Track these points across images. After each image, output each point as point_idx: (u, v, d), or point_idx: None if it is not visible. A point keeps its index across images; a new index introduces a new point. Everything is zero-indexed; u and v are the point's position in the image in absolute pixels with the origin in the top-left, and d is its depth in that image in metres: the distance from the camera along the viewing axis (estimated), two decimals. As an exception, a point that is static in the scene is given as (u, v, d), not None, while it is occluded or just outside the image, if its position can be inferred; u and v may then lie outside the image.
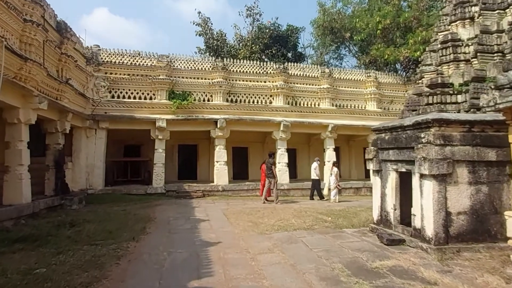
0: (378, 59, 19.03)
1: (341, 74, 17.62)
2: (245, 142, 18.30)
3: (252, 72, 16.43)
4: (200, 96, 15.73)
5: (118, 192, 13.62)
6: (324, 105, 16.92)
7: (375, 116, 17.47)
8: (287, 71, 16.58)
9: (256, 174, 18.24)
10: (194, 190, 14.44)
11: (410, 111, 10.48)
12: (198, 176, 17.73)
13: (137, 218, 9.06)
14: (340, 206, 12.32)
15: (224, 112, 15.54)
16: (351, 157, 19.83)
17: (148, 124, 14.52)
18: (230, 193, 14.90)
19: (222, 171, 15.09)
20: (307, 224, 8.73)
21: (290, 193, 15.62)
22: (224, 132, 15.09)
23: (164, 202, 12.65)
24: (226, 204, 12.40)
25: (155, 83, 14.85)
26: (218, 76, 15.64)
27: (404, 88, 18.20)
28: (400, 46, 17.67)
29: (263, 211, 10.80)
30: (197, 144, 18.02)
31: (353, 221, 8.97)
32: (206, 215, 9.96)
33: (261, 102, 16.39)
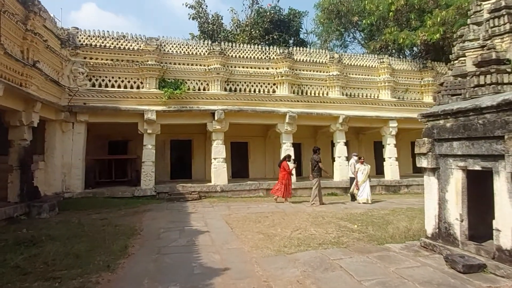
0: (390, 45, 17.33)
1: (352, 60, 15.85)
2: (244, 136, 16.49)
3: (253, 57, 14.58)
4: (195, 84, 13.85)
5: (100, 196, 11.72)
6: (333, 94, 15.15)
7: (389, 106, 15.78)
8: (292, 56, 14.76)
9: (257, 172, 16.51)
10: (189, 192, 12.60)
11: (449, 96, 8.80)
12: (193, 175, 15.88)
13: (119, 231, 7.20)
14: (359, 208, 10.64)
15: (222, 103, 13.69)
16: (360, 152, 18.04)
17: (135, 117, 12.61)
18: (229, 194, 13.10)
19: (221, 169, 13.27)
20: (331, 235, 7.01)
21: (298, 193, 13.87)
22: (222, 125, 13.26)
23: (154, 206, 10.80)
24: (226, 208, 10.60)
25: (143, 69, 12.93)
26: (215, 62, 13.77)
27: (420, 76, 16.51)
28: (417, 29, 15.94)
29: (272, 217, 9.06)
30: (192, 139, 16.15)
31: (388, 230, 7.25)
32: (205, 224, 8.15)
33: (263, 91, 14.56)
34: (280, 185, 11.74)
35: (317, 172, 11.28)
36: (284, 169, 11.78)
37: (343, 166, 14.65)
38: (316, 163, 11.36)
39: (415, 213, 9.57)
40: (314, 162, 11.47)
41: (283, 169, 11.80)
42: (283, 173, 11.75)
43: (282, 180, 11.73)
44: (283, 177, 11.74)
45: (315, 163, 11.41)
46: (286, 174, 11.73)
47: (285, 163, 11.95)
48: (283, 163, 11.95)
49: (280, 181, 11.80)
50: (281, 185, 11.72)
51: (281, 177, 11.79)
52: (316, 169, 11.31)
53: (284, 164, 11.92)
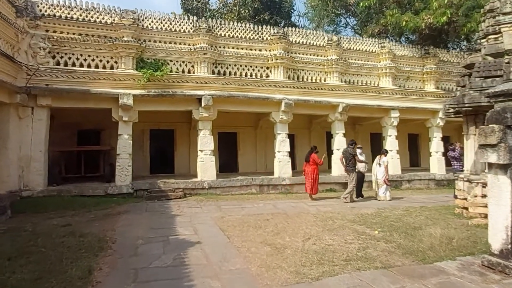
0: (390, 29, 16.06)
1: (351, 44, 14.48)
2: (233, 126, 14.93)
3: (245, 37, 12.95)
4: (179, 66, 12.13)
5: (67, 194, 9.93)
6: (331, 81, 13.77)
7: (390, 95, 14.56)
8: (287, 37, 13.23)
9: (247, 166, 15.05)
10: (172, 189, 10.97)
11: (483, 78, 7.59)
12: (176, 169, 14.21)
13: (83, 244, 5.57)
14: (368, 208, 9.40)
15: (210, 87, 12.05)
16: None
17: (108, 102, 10.81)
18: (218, 191, 11.56)
19: (208, 162, 11.69)
20: (353, 246, 5.68)
21: (294, 189, 12.51)
22: (210, 112, 11.64)
23: (131, 207, 9.15)
24: (217, 209, 9.09)
25: (118, 46, 11.10)
26: (202, 41, 12.07)
27: (422, 63, 15.35)
28: (420, 11, 14.73)
29: (274, 220, 7.66)
30: (175, 129, 14.44)
31: (422, 240, 5.96)
32: (195, 232, 6.62)
33: (255, 75, 13.00)
34: (310, 180, 10.53)
35: (353, 166, 10.48)
36: (314, 163, 10.55)
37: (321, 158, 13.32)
38: (351, 156, 10.49)
39: (434, 214, 8.43)
40: (349, 155, 10.54)
41: (313, 163, 10.56)
42: (313, 166, 10.54)
43: (312, 175, 10.51)
44: (312, 171, 10.52)
45: (350, 156, 10.51)
46: (316, 168, 10.55)
47: (314, 155, 10.64)
48: (312, 156, 10.64)
49: (310, 176, 10.55)
50: (310, 181, 10.53)
51: (310, 171, 10.55)
52: (351, 163, 10.45)
53: (313, 156, 10.63)
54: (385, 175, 10.71)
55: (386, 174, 10.77)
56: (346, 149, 10.90)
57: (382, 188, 10.78)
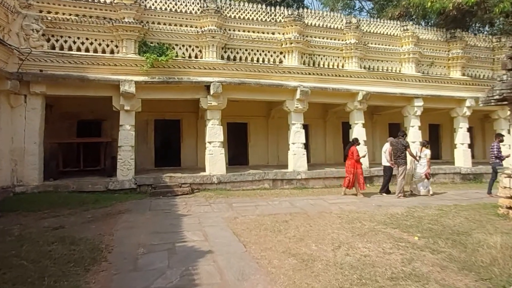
0: (412, 11, 14.85)
1: (371, 27, 13.34)
2: (243, 116, 13.97)
3: (256, 19, 11.88)
4: (185, 50, 11.15)
5: (64, 190, 9.10)
6: (350, 67, 12.68)
7: (413, 82, 13.44)
8: (303, 19, 12.14)
9: (258, 158, 14.15)
10: (178, 184, 10.09)
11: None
12: (182, 163, 13.33)
13: (74, 253, 4.71)
14: (395, 206, 8.47)
15: (219, 74, 11.07)
16: (375, 135, 15.88)
17: (108, 89, 9.88)
18: (228, 187, 10.66)
19: (217, 155, 10.76)
20: (395, 258, 4.79)
21: (309, 184, 11.58)
22: (219, 100, 10.67)
23: (133, 205, 8.29)
24: (228, 207, 8.20)
25: (118, 29, 10.13)
26: (210, 23, 11.05)
27: (447, 47, 14.16)
28: (447, -10, 13.53)
29: (294, 222, 6.78)
30: (181, 119, 13.52)
31: (474, 248, 5.02)
32: (205, 237, 5.72)
33: (268, 60, 11.96)
34: (350, 176, 9.82)
35: (404, 159, 9.70)
36: (352, 156, 9.83)
37: (362, 152, 12.28)
38: (404, 148, 9.71)
39: (474, 215, 7.46)
40: (401, 147, 9.73)
41: (351, 156, 9.86)
42: (352, 160, 9.83)
43: (351, 169, 9.80)
44: (352, 165, 9.81)
45: (402, 148, 9.72)
46: (355, 163, 9.80)
47: (354, 148, 9.93)
48: (352, 149, 9.94)
49: (349, 171, 9.87)
50: (350, 176, 9.82)
51: (350, 165, 9.85)
52: (403, 155, 9.69)
53: (352, 149, 9.92)
54: (427, 169, 9.93)
55: (428, 168, 9.97)
56: (397, 140, 10.02)
57: (424, 184, 10.05)
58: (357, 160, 9.81)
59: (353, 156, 9.80)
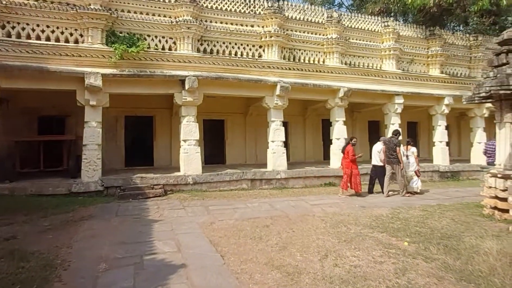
0: (392, 7, 14.69)
1: (352, 22, 13.03)
2: (220, 112, 13.35)
3: (234, 10, 11.28)
4: (158, 42, 10.40)
5: (21, 193, 8.20)
6: (331, 62, 12.32)
7: (394, 79, 13.28)
8: (283, 12, 11.65)
9: (236, 157, 13.58)
10: (150, 185, 9.37)
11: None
12: (155, 162, 12.55)
13: (23, 273, 3.99)
14: (379, 207, 8.15)
15: (195, 68, 10.41)
16: (355, 133, 15.52)
17: (71, 82, 9.01)
18: (204, 187, 10.05)
19: (193, 154, 10.11)
20: (387, 268, 4.41)
21: (289, 184, 11.15)
22: (195, 96, 10.01)
23: (98, 210, 7.52)
24: (204, 211, 7.60)
25: (83, 16, 9.26)
26: (185, 13, 10.35)
27: (427, 45, 14.10)
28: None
29: (275, 227, 6.29)
30: (154, 116, 12.72)
31: (469, 255, 4.69)
32: (178, 248, 5.10)
33: (247, 54, 11.40)
34: (345, 176, 9.60)
35: (397, 158, 9.49)
36: (347, 156, 9.59)
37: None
38: (395, 147, 9.50)
39: (460, 216, 7.25)
40: (393, 146, 9.55)
41: (346, 156, 9.63)
42: (347, 160, 9.59)
43: (346, 170, 9.58)
44: (346, 165, 9.57)
45: (394, 147, 9.52)
46: (350, 163, 9.50)
47: (349, 147, 9.63)
48: (347, 148, 9.70)
49: (344, 171, 9.69)
50: (345, 176, 9.59)
51: (345, 165, 9.64)
52: (395, 154, 9.51)
53: (348, 149, 9.66)
54: (417, 167, 9.96)
55: (417, 165, 10.02)
56: (390, 139, 9.89)
57: (414, 181, 9.98)
58: (353, 160, 9.50)
59: (348, 156, 9.51)
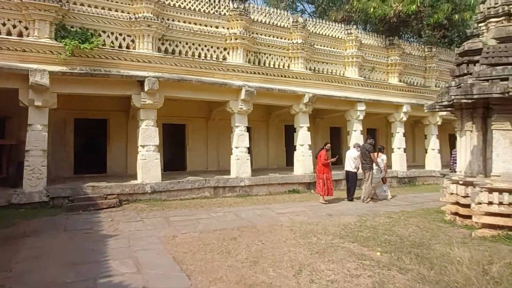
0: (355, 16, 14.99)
1: (317, 28, 13.07)
2: (181, 117, 12.75)
3: (199, 10, 10.80)
4: (114, 39, 9.64)
5: None
6: (296, 68, 12.23)
7: (356, 86, 13.50)
8: (249, 14, 11.37)
9: (197, 163, 13.03)
10: (103, 195, 8.54)
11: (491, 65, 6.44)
12: (108, 169, 11.63)
13: None
14: (346, 215, 8.07)
15: (155, 68, 9.77)
16: (317, 139, 15.63)
17: (14, 80, 7.99)
18: (164, 196, 9.40)
19: (152, 161, 9.43)
20: (363, 280, 4.36)
21: (253, 191, 10.81)
22: (155, 98, 9.36)
23: (43, 225, 6.66)
24: (165, 223, 7.03)
25: (29, 7, 8.31)
26: (145, 9, 9.70)
27: (386, 53, 14.53)
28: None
29: (244, 239, 5.94)
30: (108, 119, 11.81)
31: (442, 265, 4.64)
32: (137, 269, 4.53)
33: (211, 56, 10.95)
34: (317, 180, 9.59)
35: (370, 164, 9.56)
36: (320, 160, 9.56)
37: (307, 156, 11.95)
38: (368, 153, 9.52)
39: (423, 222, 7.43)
40: (366, 152, 9.55)
41: (319, 160, 9.60)
42: (319, 165, 9.56)
43: (319, 174, 9.53)
44: (319, 169, 9.53)
45: (367, 153, 9.53)
46: (324, 168, 9.44)
47: (322, 152, 9.62)
48: (320, 153, 9.66)
49: (317, 176, 9.65)
50: (319, 181, 9.50)
51: (318, 170, 9.64)
52: (368, 160, 9.54)
53: (320, 153, 9.65)
54: (385, 173, 10.23)
55: (385, 172, 10.29)
56: (364, 145, 9.97)
57: (384, 187, 10.28)
58: (325, 164, 9.48)
59: (321, 160, 9.52)
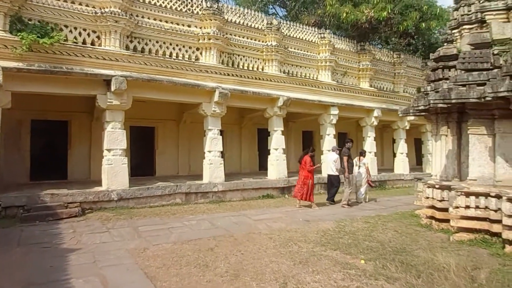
0: (327, 21, 15.07)
1: (291, 31, 12.95)
2: (150, 119, 12.10)
3: (170, 7, 10.28)
4: (78, 34, 8.92)
5: None
6: (270, 70, 12.02)
7: (329, 90, 13.50)
8: (223, 14, 11.02)
9: (167, 168, 12.49)
10: (63, 203, 7.80)
11: (468, 71, 6.51)
12: (70, 174, 10.75)
13: None
14: (324, 220, 7.90)
15: (123, 67, 9.15)
16: (289, 143, 15.48)
17: (-41, 75, 7.15)
18: (132, 204, 8.79)
19: (119, 166, 8.78)
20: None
21: (227, 197, 10.42)
22: (123, 99, 8.74)
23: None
24: (134, 233, 6.49)
25: (-22, -5, 7.49)
26: (112, 4, 9.07)
27: (358, 58, 14.70)
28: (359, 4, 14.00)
29: (222, 249, 5.59)
30: (69, 120, 10.95)
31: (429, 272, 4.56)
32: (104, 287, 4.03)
33: (183, 56, 10.46)
34: (302, 185, 9.29)
35: (350, 167, 9.66)
36: (305, 166, 9.32)
37: (281, 160, 11.75)
38: (348, 158, 9.63)
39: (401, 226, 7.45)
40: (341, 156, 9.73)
41: (304, 166, 9.36)
42: (304, 170, 9.33)
43: (305, 180, 9.25)
44: (305, 176, 9.25)
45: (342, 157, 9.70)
46: (307, 173, 9.28)
47: (307, 157, 9.41)
48: (304, 158, 9.43)
49: (302, 181, 9.31)
50: (302, 186, 9.27)
51: (303, 175, 9.30)
52: (349, 164, 9.61)
53: (305, 159, 9.40)
54: (368, 176, 10.44)
55: (369, 176, 10.52)
56: (345, 149, 9.95)
57: (363, 190, 10.38)
58: (310, 171, 9.33)
59: (306, 166, 9.31)
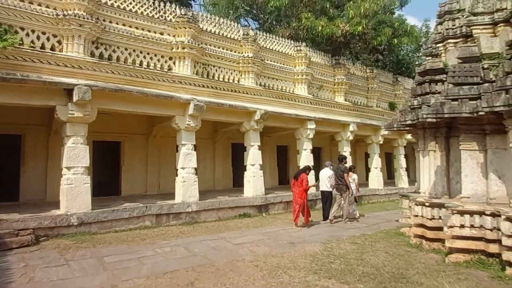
0: (301, 34, 14.91)
1: (267, 42, 12.61)
2: (116, 133, 11.15)
3: (141, 13, 9.56)
4: (36, 38, 7.97)
5: None
6: (247, 82, 11.53)
7: (305, 104, 13.23)
8: (197, 22, 10.45)
9: (134, 186, 11.54)
10: (13, 230, 6.69)
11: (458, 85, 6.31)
12: (22, 195, 9.50)
13: None
14: (310, 242, 7.41)
15: (87, 75, 8.27)
16: (264, 158, 14.93)
17: None
18: (95, 229, 7.78)
19: (80, 186, 7.77)
20: None
21: (201, 218, 9.64)
22: (86, 111, 7.80)
23: None
24: (99, 266, 5.59)
25: None
26: (76, 6, 8.22)
27: (333, 72, 14.61)
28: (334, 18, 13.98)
29: (203, 284, 4.97)
30: (23, 134, 9.75)
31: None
32: None
33: (154, 65, 9.72)
34: (295, 205, 9.02)
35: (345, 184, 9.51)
36: (301, 185, 8.90)
37: (258, 177, 11.17)
38: (342, 174, 9.49)
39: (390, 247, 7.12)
40: (341, 173, 9.51)
41: (300, 184, 8.92)
42: (300, 189, 8.90)
43: (298, 199, 8.90)
44: (299, 195, 8.88)
45: (342, 174, 9.49)
46: (302, 191, 8.91)
47: (304, 176, 9.06)
48: (302, 176, 9.02)
49: (295, 200, 9.00)
50: (295, 205, 9.01)
51: (298, 194, 8.91)
52: (343, 181, 9.48)
53: (302, 177, 9.01)
54: (357, 192, 10.36)
55: (357, 191, 10.46)
56: (338, 166, 9.87)
57: (353, 207, 10.19)
58: (306, 190, 8.96)
59: (302, 184, 8.90)
